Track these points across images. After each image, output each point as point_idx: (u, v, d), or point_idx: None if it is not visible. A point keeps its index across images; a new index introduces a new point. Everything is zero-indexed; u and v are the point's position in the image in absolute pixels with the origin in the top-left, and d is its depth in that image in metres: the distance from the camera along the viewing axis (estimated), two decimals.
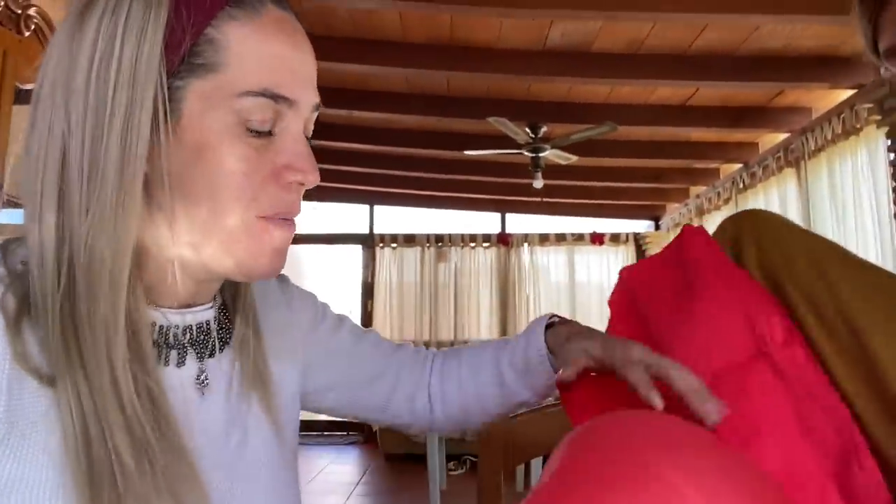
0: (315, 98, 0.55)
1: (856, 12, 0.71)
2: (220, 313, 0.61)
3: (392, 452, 5.11)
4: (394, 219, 6.55)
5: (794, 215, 4.09)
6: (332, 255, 6.53)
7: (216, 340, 0.59)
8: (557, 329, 0.69)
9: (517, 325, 6.30)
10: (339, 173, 5.36)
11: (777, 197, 4.28)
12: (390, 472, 4.87)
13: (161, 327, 0.55)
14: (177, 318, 0.56)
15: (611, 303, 0.71)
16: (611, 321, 0.69)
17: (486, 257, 6.44)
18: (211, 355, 0.58)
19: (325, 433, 6.07)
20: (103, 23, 0.47)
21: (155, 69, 0.47)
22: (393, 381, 0.75)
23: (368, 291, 6.43)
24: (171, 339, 0.55)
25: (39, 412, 0.46)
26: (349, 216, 6.53)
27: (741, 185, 4.68)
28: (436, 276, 6.38)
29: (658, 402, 0.53)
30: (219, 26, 0.49)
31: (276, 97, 0.50)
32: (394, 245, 6.43)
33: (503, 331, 6.32)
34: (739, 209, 4.25)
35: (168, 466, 0.47)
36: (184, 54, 0.48)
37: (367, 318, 6.36)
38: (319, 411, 0.76)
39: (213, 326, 0.59)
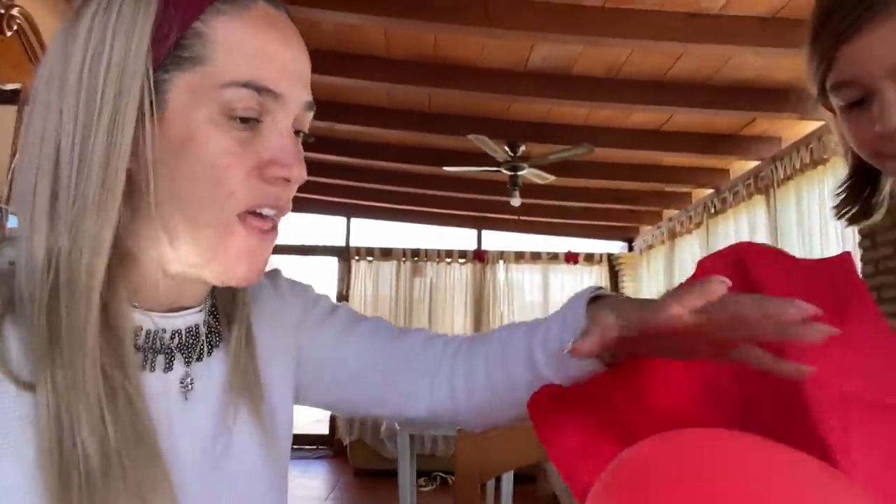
0: (306, 96, 0.54)
1: (807, 48, 0.74)
2: (210, 316, 0.60)
3: (362, 467, 5.06)
4: (370, 232, 6.55)
5: (762, 241, 4.20)
6: (308, 266, 6.49)
7: (205, 344, 0.58)
8: (601, 303, 0.56)
9: None
10: (317, 185, 5.36)
11: (747, 223, 4.40)
12: (360, 487, 4.83)
13: (148, 332, 0.54)
14: (164, 322, 0.55)
15: (703, 262, 0.61)
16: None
17: (461, 273, 6.47)
18: (199, 359, 0.57)
19: (294, 446, 5.96)
20: (96, 20, 0.48)
21: (142, 63, 0.48)
22: (392, 369, 0.68)
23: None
24: (158, 343, 0.54)
25: (17, 416, 0.46)
26: (326, 228, 6.52)
27: (712, 210, 4.79)
28: (411, 291, 6.38)
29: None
30: (207, 21, 0.49)
31: (260, 89, 0.50)
32: (370, 258, 6.42)
33: None
34: (710, 234, 4.34)
35: (139, 473, 0.46)
36: (170, 47, 0.48)
37: None
38: (318, 406, 0.72)
39: (203, 330, 0.58)
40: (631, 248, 6.55)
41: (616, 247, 6.67)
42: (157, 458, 0.48)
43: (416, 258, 6.44)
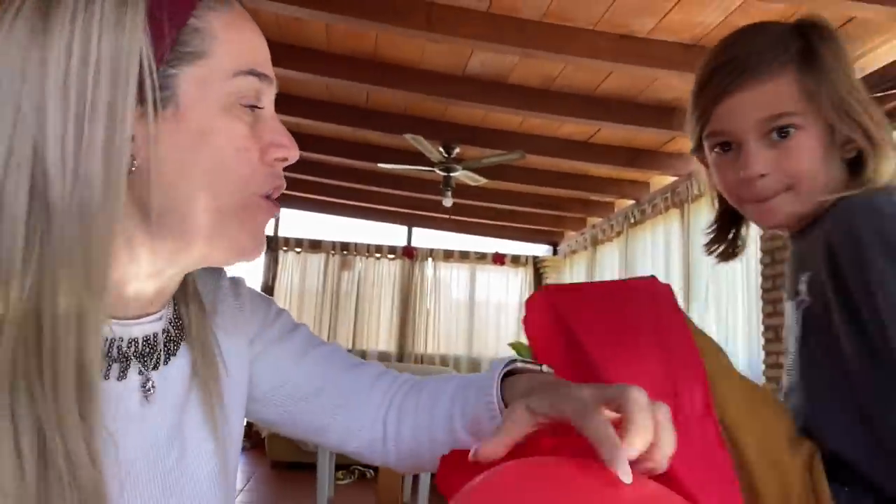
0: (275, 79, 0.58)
1: (690, 106, 0.86)
2: (169, 324, 0.59)
3: (279, 460, 5.02)
4: (300, 223, 6.48)
5: (676, 253, 4.47)
6: None
7: (162, 353, 0.57)
8: (516, 381, 0.58)
9: (415, 339, 6.40)
10: None
11: (663, 234, 4.66)
12: (276, 479, 4.79)
13: (106, 339, 0.53)
14: (122, 331, 0.54)
15: (529, 322, 0.67)
16: (533, 341, 0.66)
17: (390, 269, 6.50)
18: (155, 367, 0.57)
19: None
20: (76, 24, 0.45)
21: (135, 62, 0.47)
22: (337, 401, 0.68)
23: (268, 295, 6.29)
24: (115, 351, 0.54)
25: None
26: None
27: (632, 220, 5.05)
28: (338, 285, 6.36)
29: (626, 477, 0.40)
30: (201, 16, 0.51)
31: (259, 75, 0.54)
32: (298, 249, 6.35)
33: (401, 343, 6.39)
34: (629, 243, 4.55)
35: (78, 482, 0.44)
36: (170, 44, 0.49)
37: None
38: (263, 423, 0.72)
39: (161, 338, 0.58)
40: (555, 252, 6.78)
41: (541, 250, 6.88)
42: (98, 473, 0.45)
43: (345, 252, 6.42)
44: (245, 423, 0.69)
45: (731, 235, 0.95)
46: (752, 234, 1.27)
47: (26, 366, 0.44)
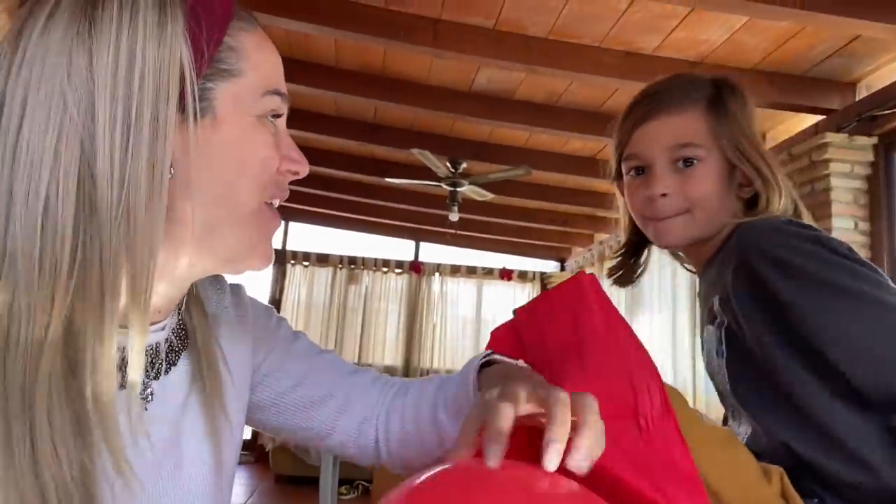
0: None
1: (614, 134, 0.97)
2: (172, 333, 0.60)
3: (283, 474, 5.00)
4: (308, 237, 6.50)
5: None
6: None
7: (163, 363, 0.58)
8: (491, 370, 0.63)
9: (421, 354, 6.38)
10: None
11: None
12: (279, 493, 4.77)
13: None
14: (124, 341, 0.52)
15: (495, 337, 0.73)
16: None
17: (397, 283, 6.51)
18: (156, 377, 0.57)
19: None
20: (122, 32, 0.46)
21: (176, 74, 0.48)
22: (341, 405, 0.71)
23: (275, 308, 6.30)
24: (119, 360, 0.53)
25: None
26: None
27: None
28: (345, 299, 6.37)
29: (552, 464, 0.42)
30: (235, 35, 0.54)
31: (282, 94, 0.57)
32: (306, 263, 6.38)
33: (407, 358, 6.37)
34: None
35: (69, 490, 0.44)
36: (208, 60, 0.52)
37: None
38: (266, 430, 0.73)
39: (163, 347, 0.58)
40: (563, 268, 6.76)
41: (549, 266, 6.87)
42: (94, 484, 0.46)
43: (352, 266, 6.44)
44: (250, 436, 0.70)
45: (631, 261, 1.07)
46: None
47: (61, 373, 0.44)
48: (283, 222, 6.56)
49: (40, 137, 0.44)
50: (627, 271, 1.07)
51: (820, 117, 3.00)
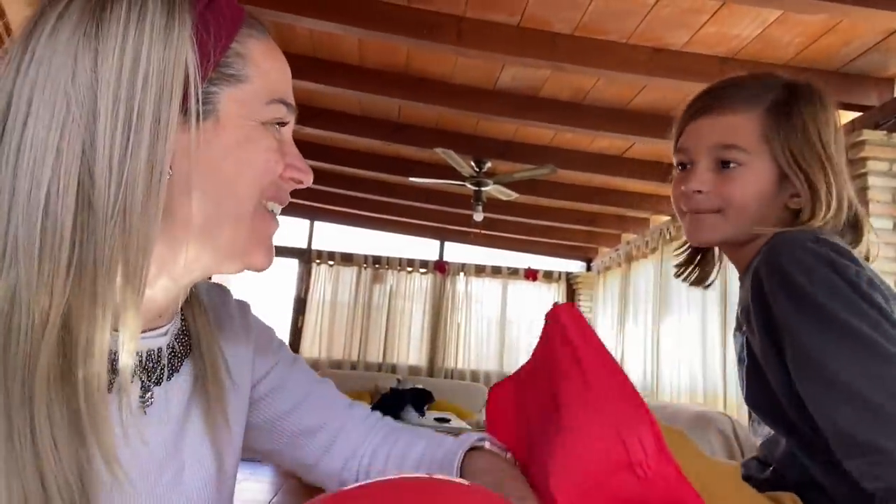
0: None
1: (675, 123, 0.98)
2: (174, 339, 0.60)
3: None
4: (333, 236, 6.54)
5: None
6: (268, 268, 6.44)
7: (165, 368, 0.58)
8: (476, 464, 0.64)
9: (446, 354, 6.37)
10: None
11: None
12: (304, 492, 4.80)
13: (111, 352, 0.51)
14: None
15: (493, 397, 0.72)
16: (490, 425, 0.72)
17: (421, 283, 6.51)
18: (158, 383, 0.57)
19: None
20: (129, 34, 0.47)
21: (181, 77, 0.48)
22: (331, 438, 0.72)
23: (301, 307, 6.37)
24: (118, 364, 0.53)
25: None
26: (288, 230, 6.48)
27: (667, 237, 4.94)
28: (370, 298, 6.39)
29: None
30: (243, 42, 0.54)
31: (287, 105, 0.57)
32: (331, 262, 6.41)
33: (431, 358, 6.37)
34: (664, 260, 4.48)
35: (68, 495, 0.44)
36: (214, 64, 0.51)
37: (297, 334, 6.28)
38: (256, 452, 0.73)
39: (165, 353, 0.58)
40: (589, 269, 6.69)
41: (575, 266, 6.80)
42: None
43: (377, 265, 6.45)
44: None
45: (698, 259, 1.03)
46: None
47: (59, 368, 0.44)
48: (308, 221, 6.63)
49: (44, 136, 0.45)
50: (698, 270, 1.04)
51: (856, 114, 2.91)
